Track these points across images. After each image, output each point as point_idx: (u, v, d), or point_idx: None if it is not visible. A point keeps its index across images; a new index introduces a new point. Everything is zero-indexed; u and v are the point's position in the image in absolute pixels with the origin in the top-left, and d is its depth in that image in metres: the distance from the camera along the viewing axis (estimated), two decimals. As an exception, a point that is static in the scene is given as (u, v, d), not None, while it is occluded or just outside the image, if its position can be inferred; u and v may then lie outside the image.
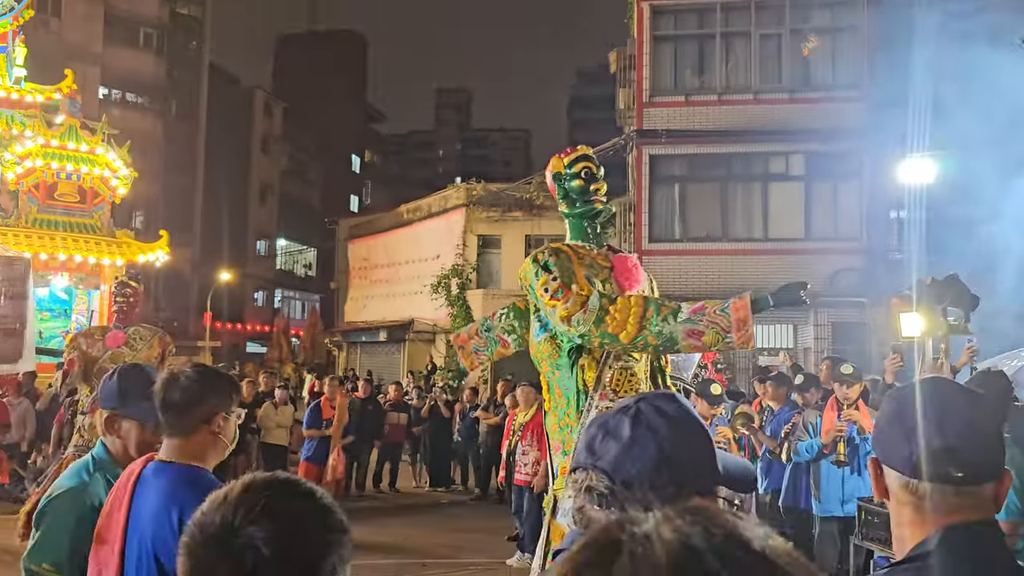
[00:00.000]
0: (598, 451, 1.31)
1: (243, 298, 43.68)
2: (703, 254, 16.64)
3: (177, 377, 2.27)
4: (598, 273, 3.75)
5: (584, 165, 3.97)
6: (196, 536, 1.00)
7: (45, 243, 16.66)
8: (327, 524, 1.04)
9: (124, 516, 2.17)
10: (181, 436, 2.25)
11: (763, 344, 16.63)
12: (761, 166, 17.03)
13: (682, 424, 1.31)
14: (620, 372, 3.63)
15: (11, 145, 17.09)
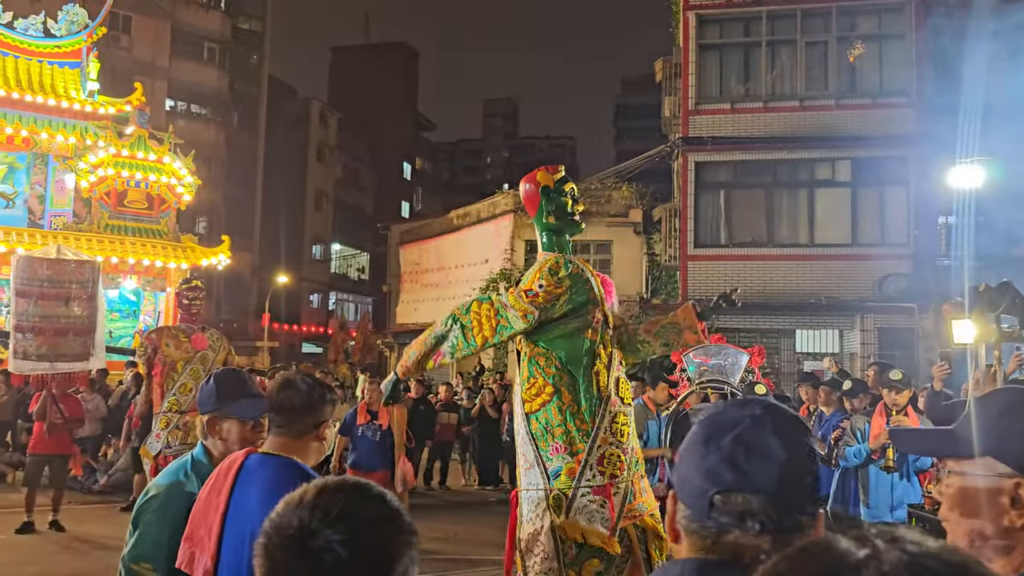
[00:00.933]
0: (749, 471, 1.13)
1: (299, 300, 44.35)
2: (748, 259, 16.41)
3: (293, 384, 2.38)
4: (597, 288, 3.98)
5: (570, 185, 4.18)
6: (273, 538, 1.01)
7: (116, 247, 17.11)
8: (398, 527, 1.04)
9: (224, 503, 2.23)
10: (288, 437, 2.35)
11: (809, 349, 16.34)
12: (807, 172, 16.74)
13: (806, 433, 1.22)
14: (622, 381, 3.90)
15: (85, 155, 17.59)
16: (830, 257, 16.10)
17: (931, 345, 14.69)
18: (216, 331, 8.36)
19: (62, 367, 8.37)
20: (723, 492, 1.13)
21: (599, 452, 3.67)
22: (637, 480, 3.76)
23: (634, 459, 3.77)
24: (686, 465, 1.19)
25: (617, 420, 3.75)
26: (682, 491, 1.19)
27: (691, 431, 1.22)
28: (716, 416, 1.21)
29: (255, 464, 2.29)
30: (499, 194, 25.01)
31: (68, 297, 8.20)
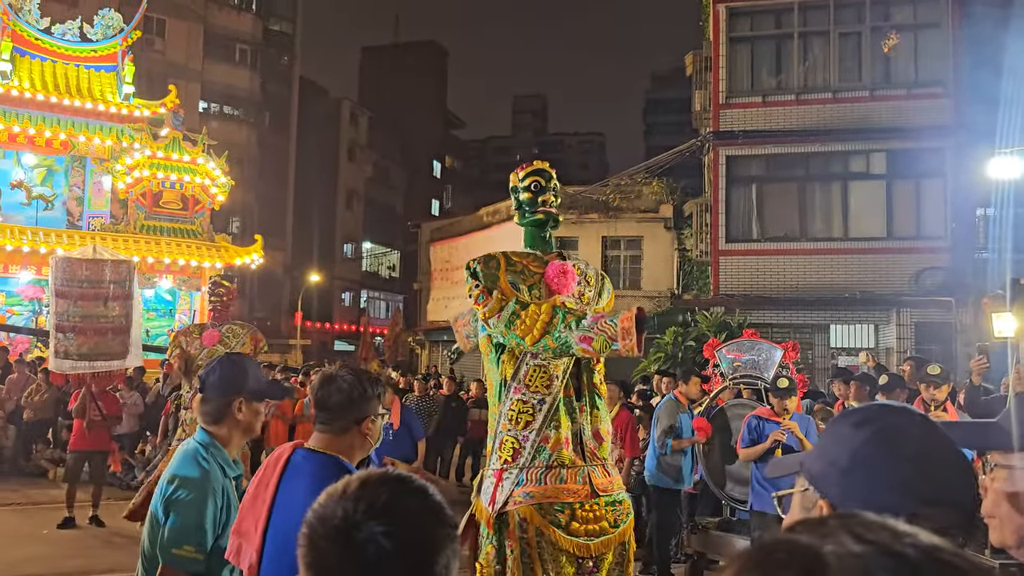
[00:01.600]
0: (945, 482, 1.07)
1: (331, 298, 44.71)
2: (781, 254, 16.23)
3: (334, 379, 2.39)
4: (527, 279, 4.00)
5: (534, 179, 4.18)
6: (317, 528, 1.02)
7: (152, 247, 17.40)
8: (441, 520, 1.05)
9: (271, 497, 2.28)
10: (333, 433, 2.36)
11: (843, 344, 16.12)
12: (841, 165, 16.50)
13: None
14: (535, 369, 3.85)
15: (121, 157, 17.90)
16: (865, 251, 15.86)
17: (969, 339, 14.41)
18: (243, 327, 8.43)
19: (101, 366, 8.53)
20: (924, 506, 1.04)
21: (499, 437, 3.85)
22: (536, 471, 3.74)
23: (539, 449, 3.76)
24: (863, 475, 1.09)
25: (515, 408, 3.81)
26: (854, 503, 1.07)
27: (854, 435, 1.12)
28: (882, 420, 1.13)
29: (300, 459, 2.33)
30: (528, 191, 24.96)
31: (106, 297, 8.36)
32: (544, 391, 3.82)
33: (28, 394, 12.40)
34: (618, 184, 21.78)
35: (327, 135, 44.95)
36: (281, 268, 39.58)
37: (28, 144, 17.71)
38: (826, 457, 1.15)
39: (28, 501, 10.20)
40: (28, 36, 18.21)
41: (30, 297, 17.20)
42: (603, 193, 21.88)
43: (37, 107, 17.58)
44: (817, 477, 1.15)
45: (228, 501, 2.57)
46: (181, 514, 2.47)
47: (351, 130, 47.33)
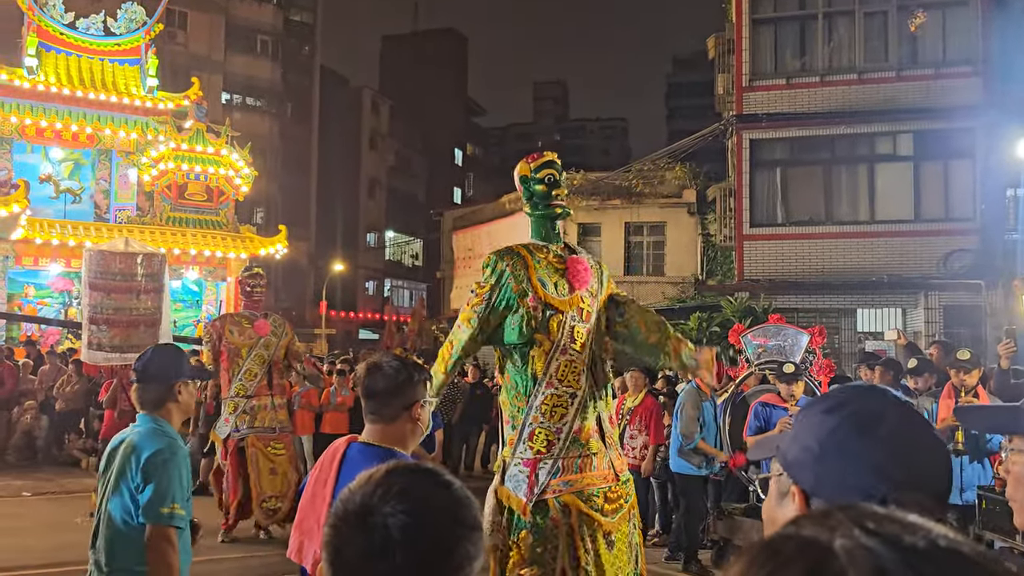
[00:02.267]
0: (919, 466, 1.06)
1: (355, 287, 44.97)
2: (807, 238, 16.07)
3: (381, 367, 2.42)
4: (552, 276, 4.09)
5: (548, 172, 4.23)
6: (340, 511, 1.03)
7: (178, 239, 17.58)
8: (459, 517, 1.04)
9: (330, 493, 2.34)
10: (382, 422, 2.39)
11: (870, 328, 15.96)
12: (867, 147, 16.28)
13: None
14: (565, 364, 3.99)
15: (147, 150, 18.07)
16: (892, 233, 15.66)
17: (999, 322, 14.21)
18: (279, 317, 8.55)
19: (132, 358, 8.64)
20: (897, 491, 1.03)
21: (530, 428, 3.96)
22: (572, 461, 3.92)
23: (573, 439, 3.93)
24: (835, 460, 1.07)
25: (548, 402, 3.94)
26: (827, 489, 1.07)
27: (825, 421, 1.10)
28: (854, 404, 1.11)
29: (356, 454, 2.37)
30: (550, 177, 24.87)
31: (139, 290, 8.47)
32: (575, 385, 3.97)
33: (60, 385, 12.61)
34: (640, 169, 21.66)
35: (349, 124, 45.08)
36: (305, 258, 39.85)
37: (55, 138, 17.94)
38: (799, 442, 1.13)
39: (62, 490, 10.39)
40: (53, 31, 18.41)
41: (60, 289, 17.47)
42: (625, 179, 21.77)
43: (63, 101, 17.79)
44: (790, 462, 1.14)
45: (188, 467, 2.85)
46: (160, 478, 2.69)
47: (372, 119, 47.43)
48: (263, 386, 7.98)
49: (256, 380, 7.95)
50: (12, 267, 16.97)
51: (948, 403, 6.04)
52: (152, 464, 2.71)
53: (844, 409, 1.11)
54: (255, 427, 7.89)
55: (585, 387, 3.99)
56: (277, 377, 8.16)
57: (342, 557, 1.00)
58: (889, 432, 1.06)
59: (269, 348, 8.07)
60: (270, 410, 7.99)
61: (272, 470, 7.88)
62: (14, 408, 12.63)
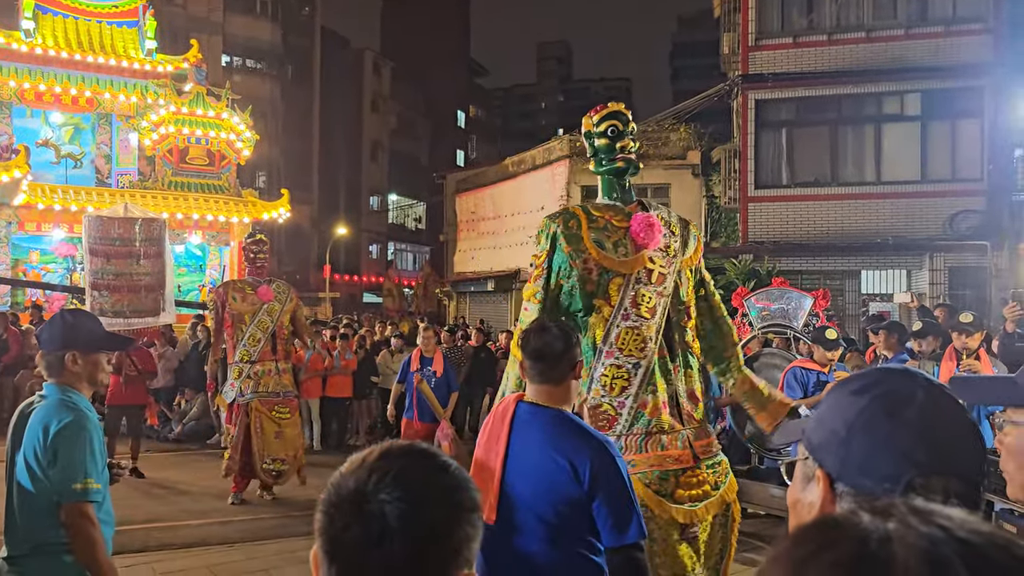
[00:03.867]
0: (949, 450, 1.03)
1: (358, 251, 44.95)
2: (812, 199, 15.96)
3: (549, 329, 2.55)
4: (611, 235, 3.76)
5: (610, 123, 3.93)
6: (332, 497, 1.00)
7: (180, 204, 17.52)
8: (457, 500, 1.02)
9: (503, 449, 2.50)
10: (552, 383, 2.50)
11: (875, 290, 15.92)
12: (874, 107, 16.09)
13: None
14: (627, 331, 3.66)
15: (147, 113, 17.93)
16: (898, 195, 15.55)
17: (1005, 284, 14.16)
18: (283, 283, 8.58)
19: (136, 322, 8.69)
20: (924, 475, 1.01)
21: (592, 403, 3.67)
22: (635, 439, 3.60)
23: (637, 415, 3.60)
24: (861, 443, 1.05)
25: (608, 373, 3.64)
26: (852, 473, 1.05)
27: (853, 403, 1.08)
28: (883, 385, 1.08)
29: (527, 414, 2.50)
30: (554, 140, 24.69)
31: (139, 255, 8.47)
32: (639, 354, 3.64)
33: (65, 350, 12.65)
34: (644, 131, 21.41)
35: (350, 87, 44.67)
36: (308, 222, 39.77)
37: (55, 102, 17.80)
38: (825, 425, 1.11)
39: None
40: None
41: (64, 255, 17.48)
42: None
43: (61, 65, 17.61)
44: (816, 446, 1.11)
45: (102, 437, 2.79)
46: (70, 453, 2.62)
47: (374, 81, 46.98)
48: (267, 351, 8.04)
49: (260, 345, 8.02)
50: (16, 233, 16.96)
51: (950, 365, 6.03)
52: (60, 439, 2.63)
53: (873, 390, 1.08)
54: (259, 391, 7.97)
55: (653, 357, 3.65)
56: (281, 343, 8.21)
57: (338, 545, 0.98)
58: (917, 414, 1.03)
59: (272, 314, 8.12)
60: (274, 375, 8.06)
61: (277, 434, 7.97)
62: (20, 372, 12.71)
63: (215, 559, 6.26)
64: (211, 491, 8.41)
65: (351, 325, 15.02)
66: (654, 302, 3.69)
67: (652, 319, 3.68)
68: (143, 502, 8.24)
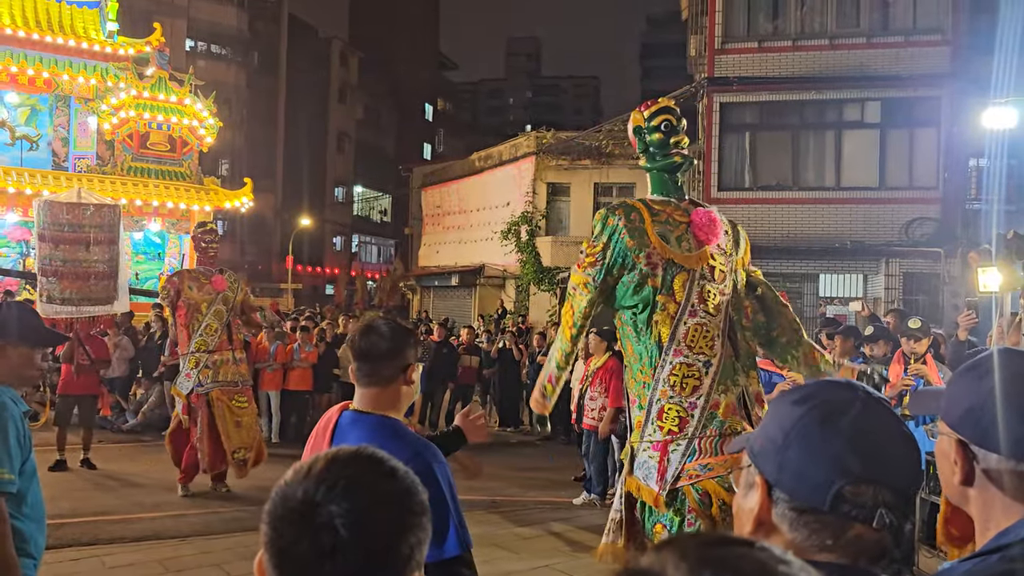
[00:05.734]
0: (880, 459, 1.05)
1: (322, 242, 44.54)
2: (773, 203, 16.18)
3: (376, 328, 2.33)
4: (674, 230, 3.69)
5: (664, 118, 3.88)
6: (279, 508, 0.98)
7: (139, 190, 17.19)
8: (407, 506, 1.01)
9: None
10: (378, 385, 2.31)
11: (832, 293, 16.20)
12: (835, 114, 16.35)
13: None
14: (696, 328, 3.58)
15: (107, 97, 17.56)
16: (856, 200, 15.82)
17: (956, 291, 14.49)
18: (233, 272, 8.54)
19: (87, 310, 8.51)
20: (854, 483, 1.03)
21: (658, 405, 3.54)
22: (711, 440, 3.47)
23: (710, 416, 3.49)
24: (796, 451, 1.07)
25: (678, 372, 3.51)
26: (787, 480, 1.08)
27: (792, 412, 1.11)
28: (820, 396, 1.11)
29: (348, 422, 2.29)
30: (521, 136, 24.72)
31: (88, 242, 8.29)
32: (709, 352, 3.53)
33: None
34: (611, 130, 21.55)
35: (317, 76, 44.18)
36: (271, 211, 39.30)
37: (11, 82, 17.34)
38: (765, 431, 1.14)
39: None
40: (7, -30, 17.67)
41: (17, 239, 17.06)
42: (596, 139, 21.68)
43: (19, 44, 17.16)
44: (756, 453, 1.14)
45: (27, 430, 2.69)
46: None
47: (342, 71, 46.53)
48: (224, 341, 7.99)
49: (216, 335, 7.95)
50: (-33, 215, 16.53)
51: (897, 369, 6.17)
52: None
53: (812, 400, 1.11)
54: (219, 381, 7.90)
55: (722, 355, 3.54)
56: (236, 332, 8.17)
57: (287, 559, 0.96)
58: (850, 424, 1.06)
59: (227, 303, 8.07)
60: (231, 364, 8.02)
61: (237, 423, 7.92)
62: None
63: (167, 553, 6.17)
64: (164, 484, 8.29)
65: (312, 318, 14.90)
66: (718, 299, 3.64)
67: (718, 316, 3.62)
68: (94, 494, 8.10)
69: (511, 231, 22.20)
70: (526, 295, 22.16)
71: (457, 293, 25.85)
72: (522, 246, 21.85)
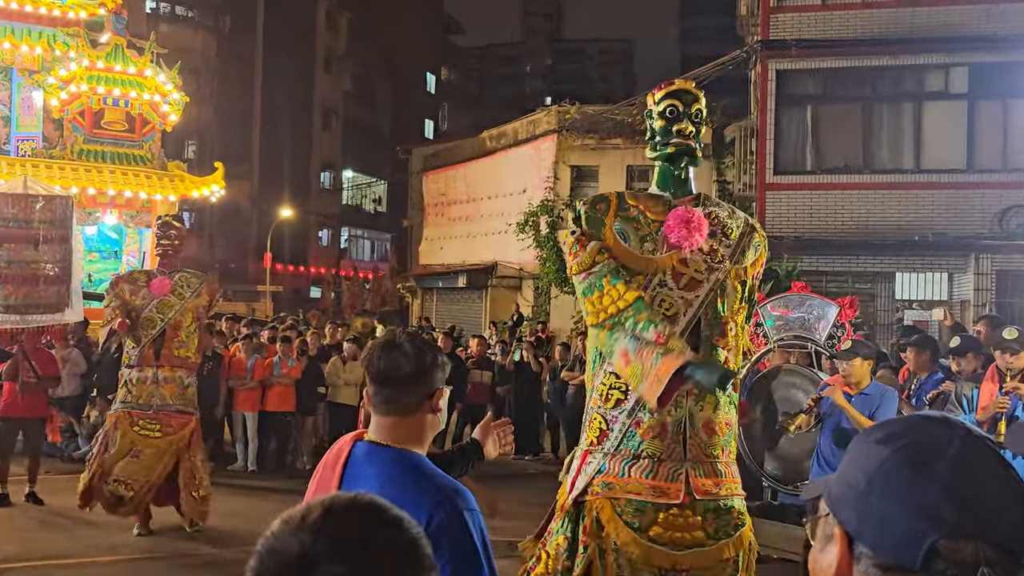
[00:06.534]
0: (981, 510, 1.03)
1: (306, 237, 44.78)
2: (840, 188, 16.09)
3: (398, 345, 2.32)
4: (640, 228, 3.88)
5: (670, 103, 4.06)
6: (268, 563, 0.99)
7: (92, 177, 17.31)
8: (417, 560, 1.03)
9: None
10: (399, 414, 2.30)
11: (912, 295, 16.10)
12: (914, 82, 16.24)
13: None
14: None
15: (54, 68, 17.69)
16: (940, 185, 15.71)
17: (1061, 292, 14.37)
18: (196, 275, 8.49)
19: (34, 320, 8.55)
20: (950, 537, 1.02)
21: (588, 413, 3.88)
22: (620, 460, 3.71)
23: (629, 434, 3.71)
24: (881, 498, 1.07)
25: (606, 382, 3.80)
26: (870, 532, 1.08)
27: (875, 452, 1.11)
28: (910, 434, 1.11)
29: (363, 456, 2.29)
30: (540, 111, 24.77)
31: (37, 239, 8.34)
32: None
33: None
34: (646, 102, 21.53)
35: (300, 42, 44.37)
36: (247, 201, 39.53)
37: (-58, 52, 17.54)
38: (845, 476, 1.14)
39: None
40: (-61, -79, 17.86)
41: (-49, 235, 17.25)
42: (628, 113, 21.64)
43: (-48, 7, 17.35)
44: (835, 500, 1.14)
45: None
46: None
47: (328, 36, 46.74)
48: (148, 355, 7.95)
49: (140, 347, 7.93)
50: None
51: (990, 387, 6.11)
52: None
53: (900, 439, 1.11)
54: (127, 402, 7.89)
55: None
56: (170, 345, 8.06)
57: None
58: (947, 468, 1.05)
59: (164, 311, 8.02)
60: (150, 384, 7.95)
61: (133, 452, 7.83)
62: None
63: (126, 604, 6.21)
64: (124, 522, 8.33)
65: (295, 326, 14.98)
66: (675, 310, 3.75)
67: (678, 325, 3.75)
68: (41, 534, 8.16)
69: (528, 223, 22.21)
70: (546, 298, 22.17)
71: (465, 296, 25.89)
72: (541, 240, 21.85)
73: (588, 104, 24.18)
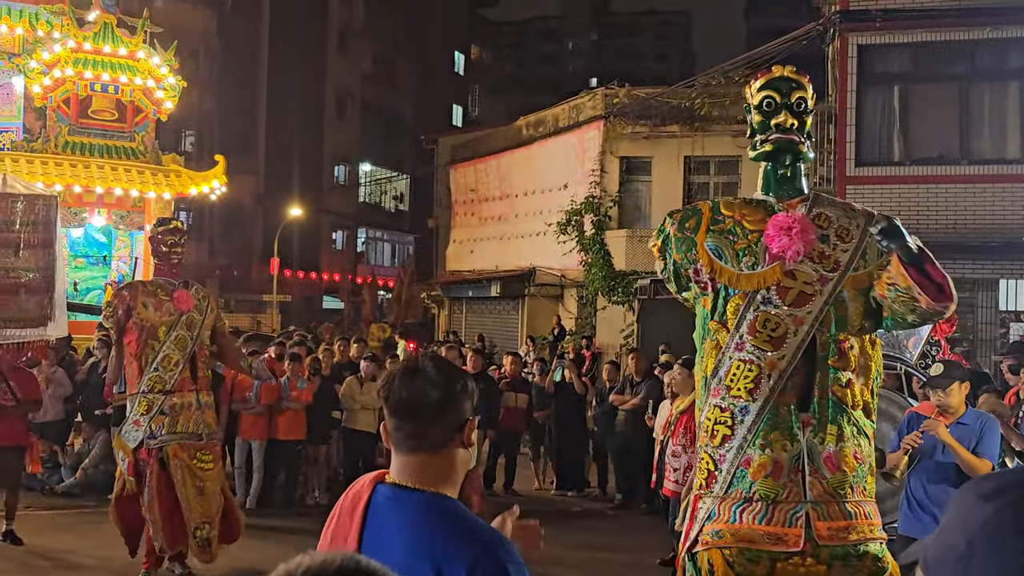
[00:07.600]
0: None
1: (318, 239, 45.05)
2: (933, 181, 15.94)
3: (422, 371, 2.30)
4: (737, 240, 3.89)
5: (766, 95, 4.05)
6: None
7: (79, 172, 17.51)
8: None
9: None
10: (425, 451, 2.28)
11: (1019, 306, 15.94)
12: (1019, 58, 16.05)
13: None
14: (738, 364, 3.77)
15: (36, 51, 17.95)
16: (1051, 178, 15.53)
17: None
18: (200, 287, 8.58)
19: (13, 335, 8.65)
20: None
21: (700, 452, 3.90)
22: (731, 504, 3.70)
23: (739, 474, 3.70)
24: (983, 563, 1.07)
25: (711, 416, 3.80)
26: None
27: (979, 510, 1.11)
28: (1018, 491, 1.11)
29: (387, 502, 2.27)
30: (584, 94, 24.75)
31: (18, 244, 8.44)
32: (747, 396, 3.72)
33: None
34: (707, 85, 21.44)
35: (310, 19, 44.76)
36: (251, 199, 39.90)
37: (-87, 34, 17.89)
38: (944, 537, 1.14)
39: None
40: None
41: (-78, 239, 17.55)
42: (686, 96, 21.58)
43: (-77, -17, 17.69)
44: (931, 564, 1.14)
45: None
46: None
47: (343, 11, 47.10)
48: (186, 379, 7.99)
49: (178, 371, 7.95)
50: None
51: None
52: None
53: (1007, 494, 1.10)
54: (177, 432, 7.90)
55: (770, 401, 3.69)
56: (203, 367, 8.19)
57: None
58: None
59: (192, 328, 8.08)
60: (195, 410, 8.01)
61: (200, 489, 7.90)
62: None
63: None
64: (112, 563, 8.40)
65: (304, 341, 15.04)
66: (783, 329, 3.74)
67: (776, 352, 3.73)
68: (20, 578, 8.24)
69: (571, 223, 22.19)
70: (592, 310, 22.12)
71: (498, 307, 25.91)
72: (586, 243, 21.83)
73: (639, 86, 24.12)
